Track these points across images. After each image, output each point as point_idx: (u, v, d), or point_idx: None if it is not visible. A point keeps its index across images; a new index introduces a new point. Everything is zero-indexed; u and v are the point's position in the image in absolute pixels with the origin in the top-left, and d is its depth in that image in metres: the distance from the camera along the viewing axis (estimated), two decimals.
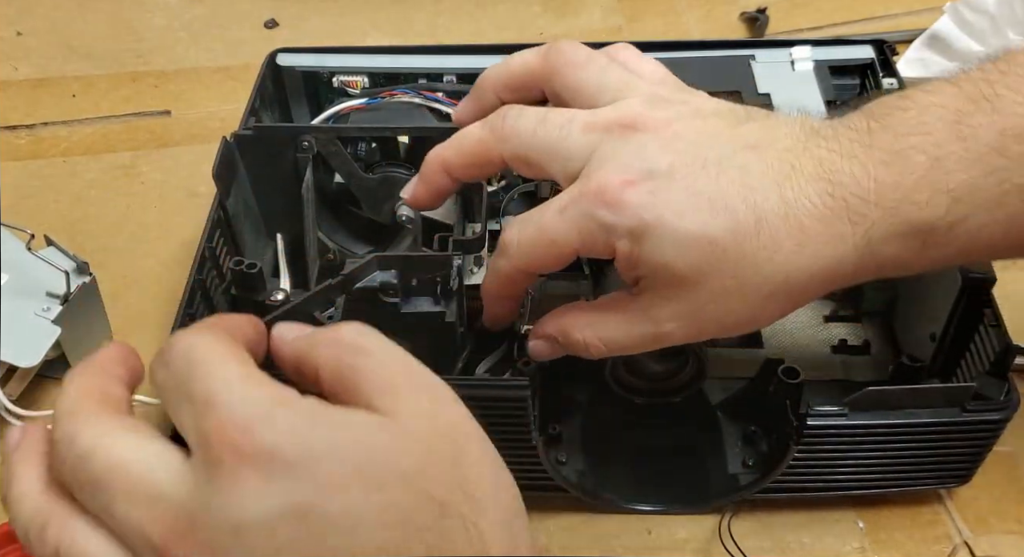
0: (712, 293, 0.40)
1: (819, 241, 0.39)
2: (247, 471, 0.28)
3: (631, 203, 0.39)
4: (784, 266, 0.39)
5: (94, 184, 0.72)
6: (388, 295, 0.46)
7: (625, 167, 0.40)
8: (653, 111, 0.42)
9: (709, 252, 0.39)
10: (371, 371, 0.33)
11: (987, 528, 0.51)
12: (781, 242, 0.39)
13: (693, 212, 0.39)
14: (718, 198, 0.39)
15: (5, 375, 0.55)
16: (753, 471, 0.50)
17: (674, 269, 0.40)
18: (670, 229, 0.39)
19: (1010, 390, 0.46)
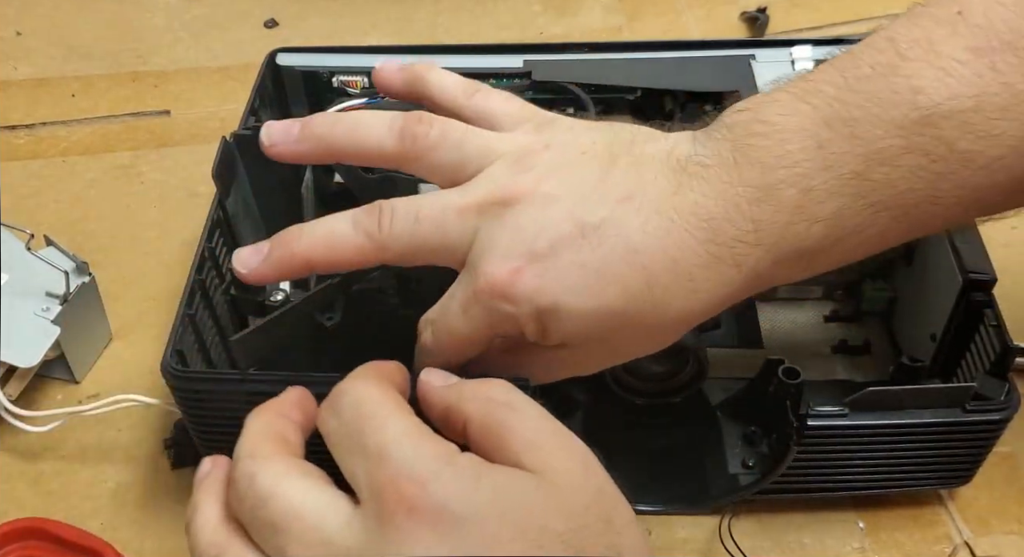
0: (618, 345, 0.42)
1: (708, 286, 0.40)
2: (419, 525, 0.30)
3: (523, 293, 0.39)
4: (680, 310, 0.40)
5: (94, 184, 0.72)
6: (388, 295, 0.46)
7: (507, 253, 0.40)
8: (519, 176, 0.41)
9: (609, 319, 0.40)
10: (519, 428, 0.35)
11: (987, 528, 0.51)
12: (674, 294, 0.39)
13: (584, 289, 0.39)
14: (605, 270, 0.39)
15: (5, 375, 0.55)
16: (753, 471, 0.50)
17: (579, 337, 0.40)
18: (566, 309, 0.39)
19: (1010, 390, 0.46)
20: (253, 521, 0.33)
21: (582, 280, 0.39)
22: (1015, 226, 0.65)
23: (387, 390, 0.36)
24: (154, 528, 0.52)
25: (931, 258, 0.52)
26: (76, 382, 0.59)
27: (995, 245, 0.50)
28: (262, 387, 0.46)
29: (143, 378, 0.59)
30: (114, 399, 0.52)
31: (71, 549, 0.48)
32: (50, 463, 0.55)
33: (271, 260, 0.44)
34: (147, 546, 0.51)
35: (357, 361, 0.48)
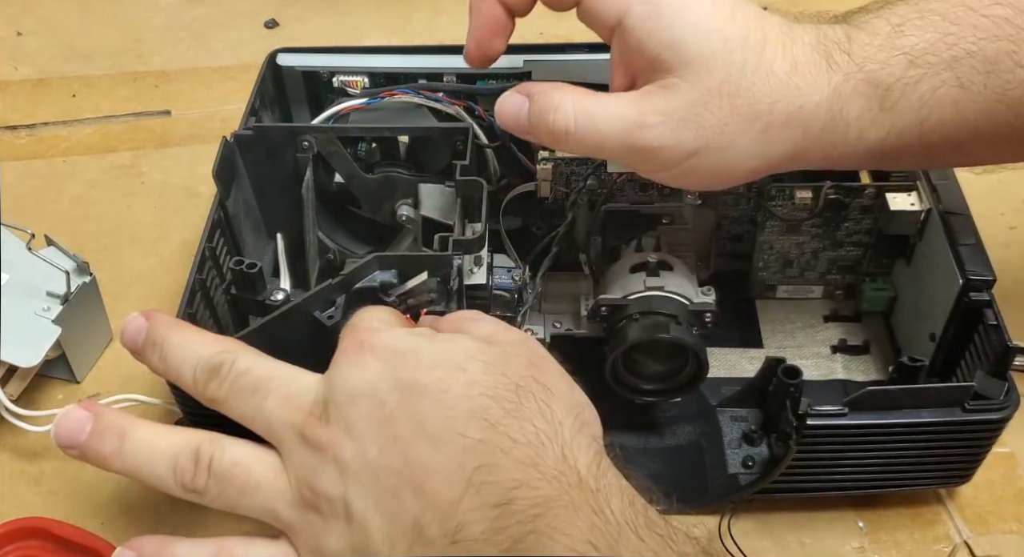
0: (707, 93, 0.42)
1: (805, 74, 0.42)
2: (366, 355, 0.39)
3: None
4: (774, 89, 0.42)
5: (94, 184, 0.72)
6: (388, 295, 0.46)
7: None
8: None
9: (720, 46, 0.41)
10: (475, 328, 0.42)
11: (987, 528, 0.51)
12: (778, 65, 0.42)
13: (716, 10, 0.42)
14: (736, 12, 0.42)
15: (5, 375, 0.55)
16: (753, 471, 0.50)
17: (682, 53, 0.41)
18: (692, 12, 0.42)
19: (1010, 390, 0.46)
20: (232, 392, 0.41)
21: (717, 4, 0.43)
22: (1014, 226, 0.66)
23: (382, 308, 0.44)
24: (154, 528, 0.52)
25: (931, 258, 0.52)
26: (77, 382, 0.59)
27: (995, 245, 0.50)
28: None
29: (143, 378, 0.58)
30: (114, 399, 0.52)
31: (71, 549, 0.48)
32: (51, 463, 0.55)
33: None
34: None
35: None
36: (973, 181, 0.65)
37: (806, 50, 0.42)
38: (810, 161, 0.44)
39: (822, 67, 0.42)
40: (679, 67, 0.42)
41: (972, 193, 0.52)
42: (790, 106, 0.42)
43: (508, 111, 0.46)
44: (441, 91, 0.59)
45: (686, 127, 0.42)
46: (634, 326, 0.49)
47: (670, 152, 0.43)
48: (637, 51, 0.43)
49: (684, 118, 0.42)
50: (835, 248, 0.56)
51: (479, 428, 0.37)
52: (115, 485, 0.54)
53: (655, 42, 0.42)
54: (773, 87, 0.42)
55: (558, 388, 0.40)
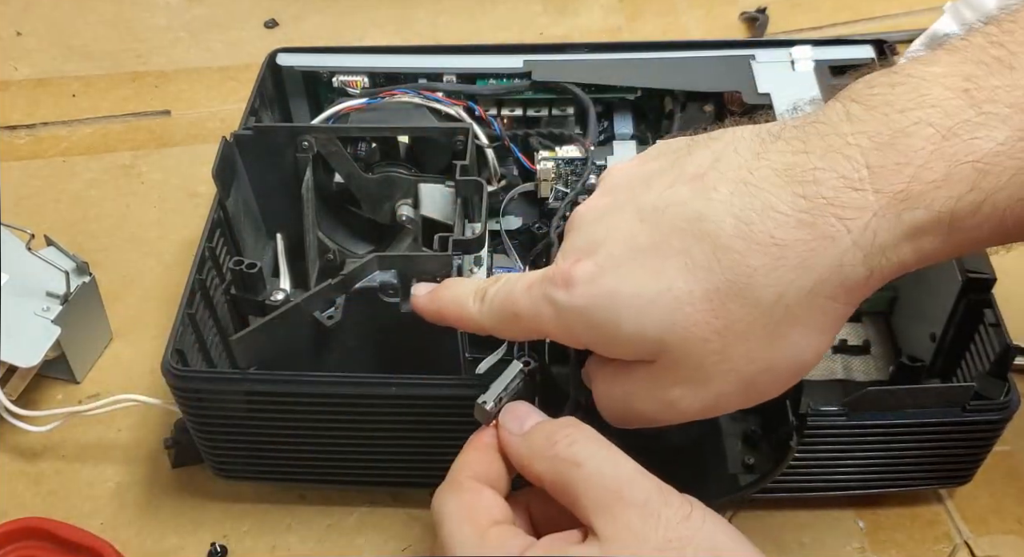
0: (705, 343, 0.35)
1: (799, 249, 0.33)
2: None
3: (580, 280, 0.37)
4: (769, 287, 0.34)
5: (94, 184, 0.72)
6: (388, 295, 0.46)
7: (572, 250, 0.39)
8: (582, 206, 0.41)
9: (675, 302, 0.35)
10: (583, 489, 0.35)
11: (987, 528, 0.51)
12: (752, 264, 0.34)
13: (641, 270, 0.35)
14: (663, 245, 0.35)
15: (5, 375, 0.55)
16: (753, 471, 0.50)
17: (649, 336, 0.36)
18: (622, 299, 0.36)
19: (1010, 390, 0.46)
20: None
21: (639, 262, 0.35)
22: None
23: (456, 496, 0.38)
24: (154, 528, 0.52)
25: None
26: (76, 382, 0.59)
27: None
28: (262, 387, 0.46)
29: (143, 378, 0.59)
30: (114, 399, 0.52)
31: (71, 549, 0.48)
32: (50, 463, 0.55)
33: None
34: (147, 546, 0.51)
35: (357, 361, 0.49)
36: None
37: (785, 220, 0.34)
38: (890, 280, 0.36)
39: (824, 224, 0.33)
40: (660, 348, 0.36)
41: None
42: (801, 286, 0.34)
43: None
44: (441, 91, 0.59)
45: (712, 380, 0.36)
46: None
47: (719, 407, 0.38)
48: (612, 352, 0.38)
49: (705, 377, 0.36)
50: None
51: None
52: (115, 485, 0.54)
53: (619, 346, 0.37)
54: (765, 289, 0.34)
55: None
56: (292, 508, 0.52)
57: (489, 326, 0.41)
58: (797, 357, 0.36)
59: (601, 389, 0.41)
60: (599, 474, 0.35)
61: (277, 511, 0.52)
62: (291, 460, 0.50)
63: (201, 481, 0.53)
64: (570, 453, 0.36)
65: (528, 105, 0.60)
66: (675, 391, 0.37)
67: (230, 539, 0.51)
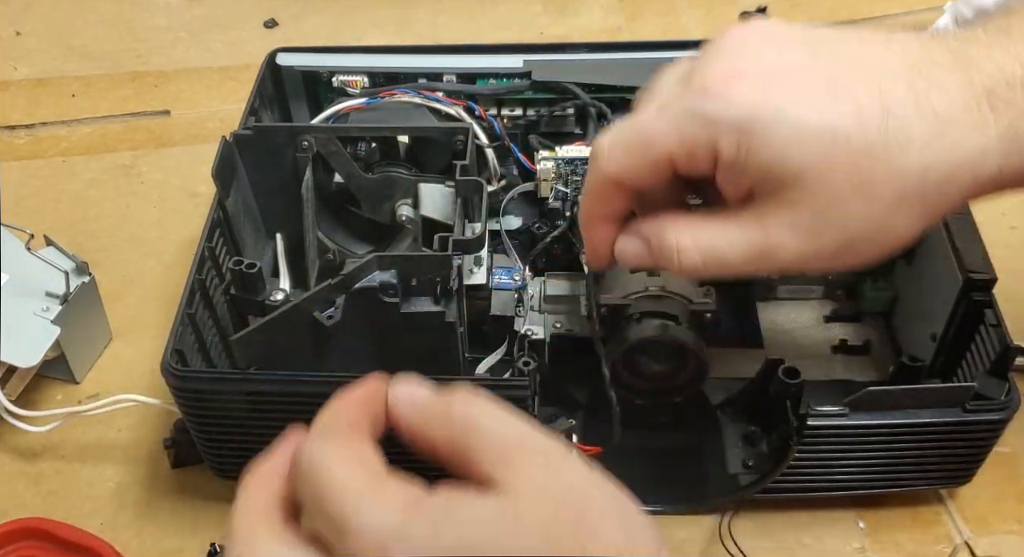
0: (836, 193, 0.35)
1: (957, 130, 0.35)
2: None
3: (740, 94, 0.35)
4: (919, 160, 0.35)
5: (94, 184, 0.72)
6: (388, 295, 0.46)
7: (730, 62, 0.36)
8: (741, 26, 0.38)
9: (830, 142, 0.35)
10: (482, 446, 0.33)
11: (987, 528, 0.51)
12: (912, 133, 0.35)
13: (809, 100, 0.35)
14: (837, 85, 0.35)
15: (5, 375, 0.55)
16: (753, 471, 0.50)
17: (791, 165, 0.35)
18: (784, 118, 0.35)
19: (1010, 390, 0.46)
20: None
21: (808, 91, 0.35)
22: (1015, 226, 0.65)
23: (340, 444, 0.33)
24: (154, 528, 0.52)
25: (931, 258, 0.52)
26: (76, 382, 0.59)
27: (995, 245, 0.50)
28: (262, 386, 0.46)
29: (143, 378, 0.59)
30: (114, 399, 0.52)
31: (71, 549, 0.48)
32: (50, 463, 0.55)
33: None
34: (147, 546, 0.51)
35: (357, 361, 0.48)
36: None
37: (950, 99, 0.35)
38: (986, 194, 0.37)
39: (980, 113, 0.35)
40: (792, 182, 0.35)
41: None
42: (946, 166, 0.35)
43: (630, 258, 0.41)
44: (441, 91, 0.59)
45: (822, 234, 0.36)
46: (634, 326, 0.49)
47: (813, 259, 0.37)
48: (742, 175, 0.37)
49: (816, 228, 0.36)
50: None
51: None
52: (115, 485, 0.54)
53: (756, 170, 0.36)
54: (913, 159, 0.35)
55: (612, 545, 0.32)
56: None
57: (617, 167, 0.38)
58: (902, 234, 0.37)
59: (687, 237, 0.39)
60: (499, 431, 0.33)
61: None
62: None
63: (201, 481, 0.53)
64: (467, 416, 0.34)
65: (528, 105, 0.60)
66: (781, 235, 0.37)
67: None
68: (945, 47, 0.36)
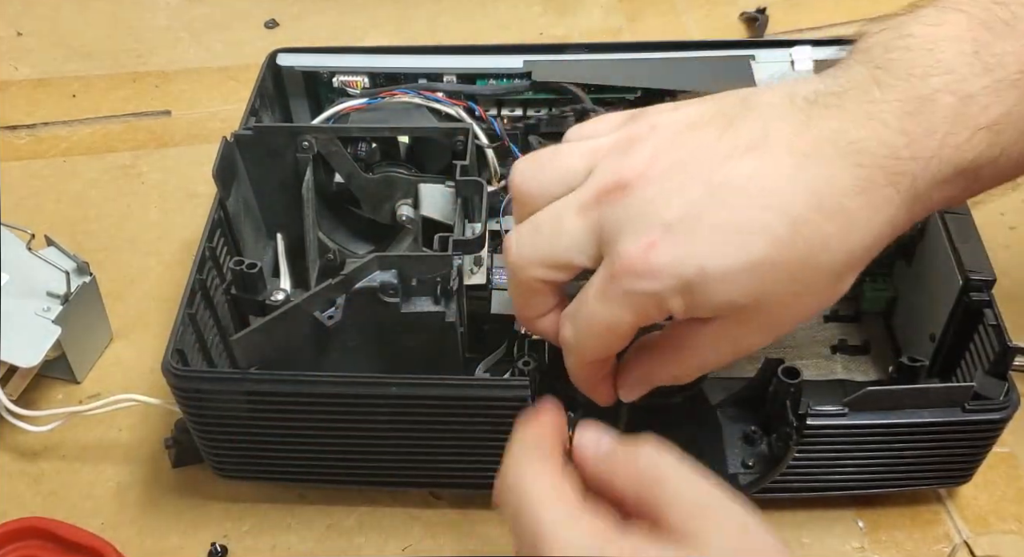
0: (781, 304, 0.38)
1: (865, 215, 0.37)
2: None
3: (663, 265, 0.37)
4: (840, 250, 0.37)
5: (94, 184, 0.72)
6: (388, 295, 0.46)
7: (637, 232, 0.38)
8: (629, 159, 0.39)
9: (759, 276, 0.37)
10: (671, 504, 0.34)
11: (987, 528, 0.51)
12: (827, 233, 0.37)
13: (725, 246, 0.37)
14: (744, 222, 0.37)
15: (5, 375, 0.55)
16: (753, 471, 0.50)
17: (734, 303, 0.38)
18: (713, 272, 0.37)
19: (1010, 390, 0.46)
20: None
21: (722, 238, 0.37)
22: (1014, 226, 0.66)
23: (544, 469, 0.36)
24: (154, 528, 0.52)
25: (931, 258, 0.52)
26: (77, 382, 0.59)
27: (995, 245, 0.50)
28: (262, 387, 0.46)
29: (143, 378, 0.59)
30: (114, 399, 0.52)
31: (71, 549, 0.48)
32: (51, 463, 0.55)
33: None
34: (147, 546, 0.51)
35: (357, 361, 0.49)
36: None
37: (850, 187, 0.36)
38: None
39: (881, 190, 0.37)
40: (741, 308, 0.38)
41: None
42: (865, 244, 0.37)
43: (637, 395, 0.44)
44: (441, 91, 0.59)
45: (781, 327, 0.40)
46: None
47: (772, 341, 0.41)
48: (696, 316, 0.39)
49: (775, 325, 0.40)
50: None
51: None
52: (115, 485, 0.54)
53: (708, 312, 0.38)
54: (835, 254, 0.37)
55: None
56: (292, 508, 0.52)
57: (593, 352, 0.41)
58: (840, 294, 0.39)
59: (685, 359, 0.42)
60: (686, 489, 0.35)
61: (277, 511, 0.52)
62: (291, 460, 0.50)
63: (201, 481, 0.53)
64: (655, 471, 0.36)
65: (528, 105, 0.60)
66: (749, 339, 0.40)
67: (230, 539, 0.51)
68: (828, 132, 0.37)
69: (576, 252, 0.40)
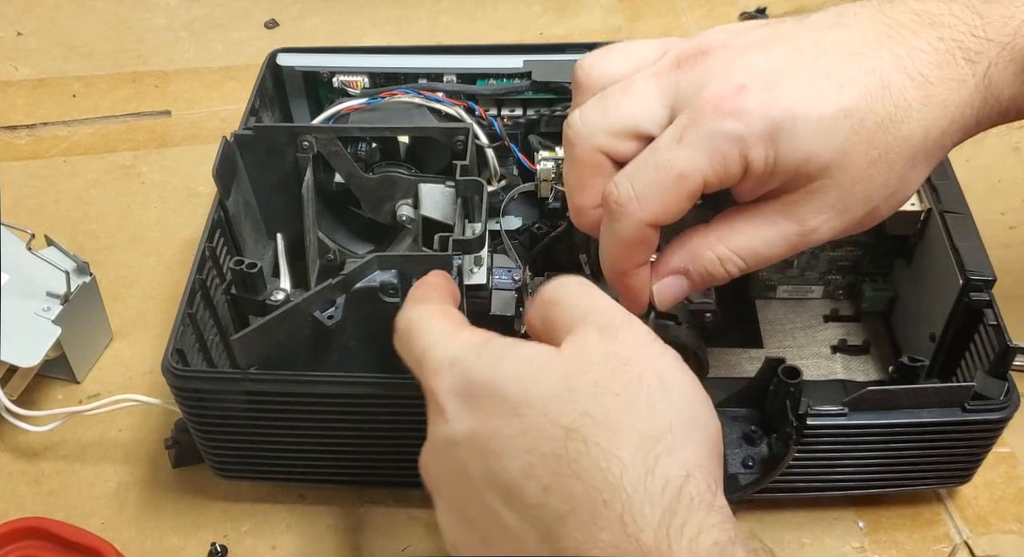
0: (859, 171, 0.38)
1: (943, 88, 0.38)
2: (449, 400, 0.35)
3: (754, 105, 0.37)
4: (920, 122, 0.38)
5: (94, 184, 0.72)
6: (388, 295, 0.46)
7: (725, 79, 0.37)
8: (707, 35, 0.40)
9: (848, 127, 0.37)
10: (559, 317, 0.36)
11: (987, 528, 0.51)
12: (911, 98, 0.37)
13: (818, 94, 0.37)
14: (834, 73, 0.37)
15: (5, 375, 0.55)
16: (753, 471, 0.50)
17: (818, 157, 0.37)
18: (803, 117, 0.37)
19: (1010, 390, 0.46)
20: None
21: (814, 86, 0.37)
22: (1014, 226, 0.66)
23: (431, 306, 0.39)
24: (154, 528, 0.52)
25: (931, 258, 0.52)
26: (77, 382, 0.59)
27: (995, 245, 0.50)
28: (262, 386, 0.46)
29: (143, 378, 0.59)
30: (114, 399, 0.52)
31: (71, 549, 0.48)
32: (50, 463, 0.55)
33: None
34: (147, 546, 0.51)
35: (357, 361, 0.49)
36: (973, 181, 0.65)
37: (930, 59, 0.38)
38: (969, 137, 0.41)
39: (959, 67, 0.38)
40: (818, 173, 0.38)
41: (972, 193, 0.52)
42: (941, 124, 0.38)
43: (673, 297, 0.42)
44: (441, 91, 0.59)
45: (850, 209, 0.39)
46: None
47: (843, 232, 0.40)
48: (771, 178, 0.38)
49: (845, 205, 0.39)
50: (835, 248, 0.56)
51: (533, 491, 0.32)
52: (115, 485, 0.54)
53: (785, 170, 0.38)
54: (916, 122, 0.38)
55: (628, 413, 0.33)
56: (292, 508, 0.52)
57: (653, 210, 0.38)
58: (912, 188, 0.40)
59: (723, 248, 0.40)
60: (573, 304, 0.36)
61: (277, 511, 0.52)
62: (291, 460, 0.50)
63: (201, 481, 0.53)
64: (552, 295, 0.37)
65: (528, 105, 0.60)
66: (815, 221, 0.39)
67: (230, 539, 0.51)
68: (907, 8, 0.38)
69: (645, 116, 0.39)
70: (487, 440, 0.33)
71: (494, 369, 0.34)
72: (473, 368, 0.35)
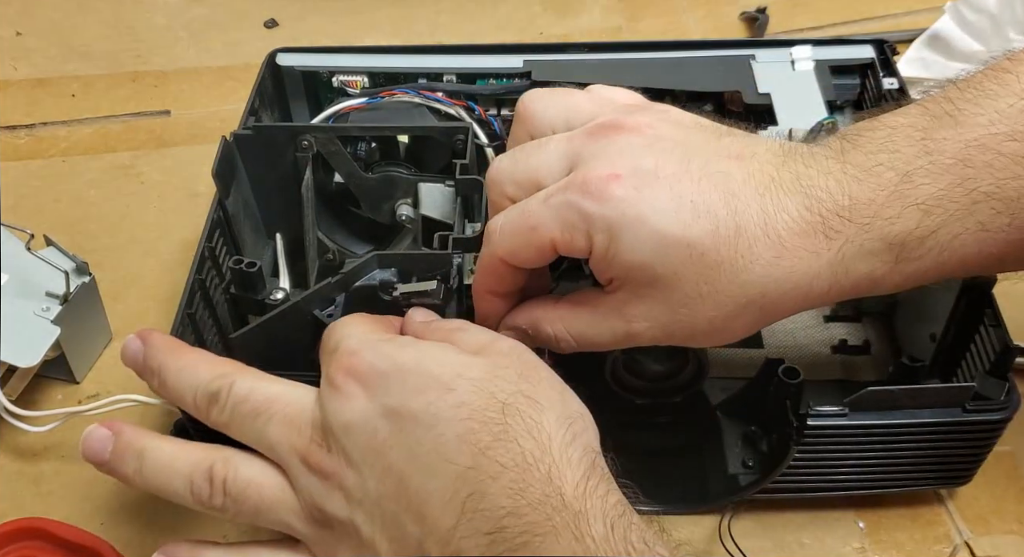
0: (686, 297, 0.40)
1: (795, 255, 0.39)
2: (352, 384, 0.39)
3: (614, 195, 0.39)
4: (761, 278, 0.39)
5: (94, 184, 0.72)
6: (388, 293, 0.46)
7: (611, 163, 0.40)
8: (634, 116, 0.43)
9: (686, 255, 0.39)
10: (464, 340, 0.41)
11: (987, 528, 0.51)
12: (759, 253, 0.39)
13: (675, 213, 0.39)
14: (700, 202, 0.39)
15: (5, 375, 0.55)
16: (753, 471, 0.50)
17: (652, 269, 0.39)
18: (649, 228, 0.39)
19: (1010, 390, 0.46)
20: (233, 417, 0.41)
21: (675, 205, 0.39)
22: None
23: (357, 316, 0.44)
24: (154, 528, 0.52)
25: None
26: (76, 382, 0.59)
27: None
28: None
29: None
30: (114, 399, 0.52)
31: (71, 549, 0.48)
32: (50, 463, 0.55)
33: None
34: (147, 546, 0.51)
35: None
36: None
37: (792, 225, 0.39)
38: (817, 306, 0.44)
39: (816, 239, 0.39)
40: (649, 282, 0.40)
41: None
42: (783, 287, 0.39)
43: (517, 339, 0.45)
44: (441, 91, 0.59)
45: (671, 326, 0.41)
46: None
47: (665, 340, 0.42)
48: (608, 268, 0.41)
49: (667, 322, 0.41)
50: None
51: (469, 454, 0.37)
52: (115, 485, 0.54)
53: (620, 266, 0.40)
54: (756, 276, 0.39)
55: (549, 399, 0.39)
56: None
57: (506, 248, 0.42)
58: (739, 334, 0.42)
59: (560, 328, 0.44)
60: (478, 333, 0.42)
61: None
62: None
63: None
64: (460, 324, 0.43)
65: None
66: (639, 326, 0.42)
67: (230, 539, 0.51)
68: (794, 168, 0.40)
69: (547, 172, 0.42)
70: (413, 414, 0.38)
71: (421, 353, 0.40)
72: (393, 353, 0.40)
